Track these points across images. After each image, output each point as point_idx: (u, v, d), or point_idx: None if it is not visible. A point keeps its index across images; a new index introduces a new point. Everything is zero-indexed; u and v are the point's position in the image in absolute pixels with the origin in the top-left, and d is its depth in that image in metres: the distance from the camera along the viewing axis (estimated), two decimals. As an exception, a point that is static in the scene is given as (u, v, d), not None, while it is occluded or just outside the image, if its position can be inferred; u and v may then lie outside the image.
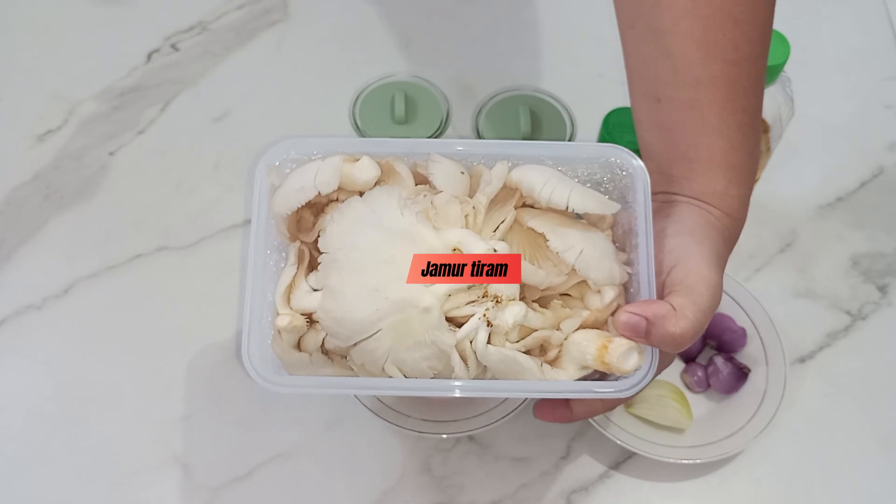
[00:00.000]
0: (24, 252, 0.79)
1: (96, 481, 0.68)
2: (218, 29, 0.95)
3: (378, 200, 0.54)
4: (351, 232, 0.53)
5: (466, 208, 0.54)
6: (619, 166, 0.56)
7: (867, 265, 0.80)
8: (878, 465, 0.70)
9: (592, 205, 0.54)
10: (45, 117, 0.88)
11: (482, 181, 0.55)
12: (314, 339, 0.55)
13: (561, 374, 0.53)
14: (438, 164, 0.56)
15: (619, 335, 0.51)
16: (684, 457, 0.67)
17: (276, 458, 0.70)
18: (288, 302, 0.55)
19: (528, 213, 0.55)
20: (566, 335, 0.53)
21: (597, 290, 0.54)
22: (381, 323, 0.51)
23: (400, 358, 0.52)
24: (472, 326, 0.52)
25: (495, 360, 0.52)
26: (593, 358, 0.52)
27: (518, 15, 0.96)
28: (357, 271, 0.52)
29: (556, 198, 0.53)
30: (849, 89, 0.91)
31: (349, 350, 0.54)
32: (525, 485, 0.69)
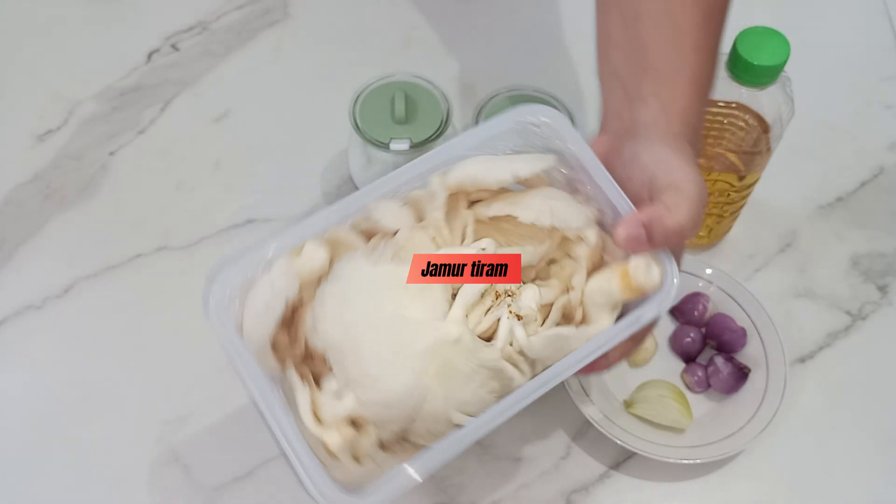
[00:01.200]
0: (24, 252, 0.79)
1: (96, 481, 0.69)
2: (218, 29, 0.95)
3: (345, 271, 0.51)
4: (340, 315, 0.50)
5: (429, 232, 0.54)
6: (531, 123, 0.56)
7: (867, 265, 0.80)
8: (878, 465, 0.70)
9: (534, 163, 0.54)
10: (45, 117, 0.88)
11: (426, 201, 0.54)
12: (368, 442, 0.50)
13: (598, 327, 0.52)
14: (380, 207, 0.54)
15: (628, 257, 0.52)
16: (684, 457, 0.67)
17: (276, 458, 0.69)
18: (321, 422, 0.49)
19: (480, 208, 0.55)
20: (581, 290, 0.53)
21: (579, 238, 0.54)
22: (425, 378, 0.49)
23: (459, 401, 0.49)
24: (506, 328, 0.51)
25: (542, 346, 0.51)
26: (620, 291, 0.52)
27: (518, 15, 0.96)
28: (370, 347, 0.49)
29: (502, 176, 0.53)
30: (849, 89, 0.91)
31: (410, 426, 0.50)
32: (525, 485, 0.69)
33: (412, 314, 0.50)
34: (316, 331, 0.51)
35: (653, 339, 0.74)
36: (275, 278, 0.51)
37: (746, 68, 0.63)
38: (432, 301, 0.51)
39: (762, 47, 0.63)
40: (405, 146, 0.74)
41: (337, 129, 0.83)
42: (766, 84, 0.65)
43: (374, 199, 0.54)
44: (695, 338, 0.73)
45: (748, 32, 0.63)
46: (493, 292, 0.52)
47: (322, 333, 0.50)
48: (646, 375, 0.73)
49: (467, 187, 0.54)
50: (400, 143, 0.74)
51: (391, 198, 0.55)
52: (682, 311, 0.75)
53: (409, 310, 0.50)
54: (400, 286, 0.51)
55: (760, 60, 0.63)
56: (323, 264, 0.52)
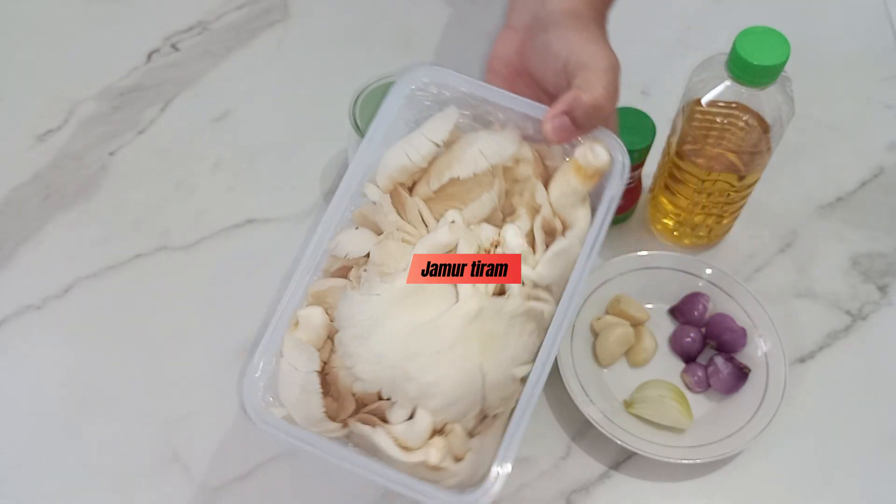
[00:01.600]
0: (25, 252, 0.79)
1: (96, 481, 0.68)
2: (218, 29, 0.95)
3: (350, 312, 0.52)
4: (371, 352, 0.51)
5: (395, 236, 0.54)
6: (416, 90, 0.57)
7: (867, 265, 0.80)
8: (878, 465, 0.70)
9: (441, 123, 0.55)
10: (45, 117, 0.88)
11: (374, 213, 0.55)
12: (458, 440, 0.51)
13: (581, 224, 0.54)
14: (340, 242, 0.55)
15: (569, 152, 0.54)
16: (684, 457, 0.67)
17: (276, 458, 0.69)
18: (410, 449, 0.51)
19: (421, 189, 0.56)
20: (547, 203, 0.55)
21: (517, 161, 0.55)
22: (474, 359, 0.50)
23: (512, 358, 0.51)
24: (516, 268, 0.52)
25: (548, 269, 0.53)
26: (581, 183, 0.53)
27: (518, 15, 0.96)
28: (413, 362, 0.51)
29: (424, 150, 0.54)
30: (849, 89, 0.91)
31: (485, 405, 0.52)
32: (525, 485, 0.69)
33: (430, 314, 0.51)
34: (358, 378, 0.52)
35: (653, 339, 0.74)
36: (293, 359, 0.51)
37: (746, 68, 0.63)
38: (439, 293, 0.52)
39: (763, 47, 0.63)
40: None
41: (337, 129, 0.83)
42: (766, 84, 0.65)
43: (329, 239, 0.55)
44: (695, 338, 0.73)
45: (748, 32, 0.63)
46: (484, 252, 0.53)
47: (366, 376, 0.51)
48: (646, 375, 0.73)
49: (401, 179, 0.55)
50: None
51: (343, 230, 0.55)
52: (682, 311, 0.75)
53: (425, 312, 0.51)
54: (404, 299, 0.52)
55: (760, 60, 0.63)
56: (324, 321, 0.53)
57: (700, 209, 0.75)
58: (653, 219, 0.81)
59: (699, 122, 0.69)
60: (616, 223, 0.81)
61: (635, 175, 0.75)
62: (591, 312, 0.75)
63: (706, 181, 0.72)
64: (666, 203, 0.78)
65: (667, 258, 0.76)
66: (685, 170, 0.72)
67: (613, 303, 0.75)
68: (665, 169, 0.76)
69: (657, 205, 0.79)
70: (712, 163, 0.70)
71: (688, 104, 0.69)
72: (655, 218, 0.80)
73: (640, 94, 0.90)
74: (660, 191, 0.78)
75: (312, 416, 0.51)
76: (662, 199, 0.78)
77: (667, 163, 0.75)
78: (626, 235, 0.81)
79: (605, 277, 0.75)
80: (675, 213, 0.77)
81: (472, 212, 0.55)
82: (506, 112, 0.56)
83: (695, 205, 0.75)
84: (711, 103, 0.67)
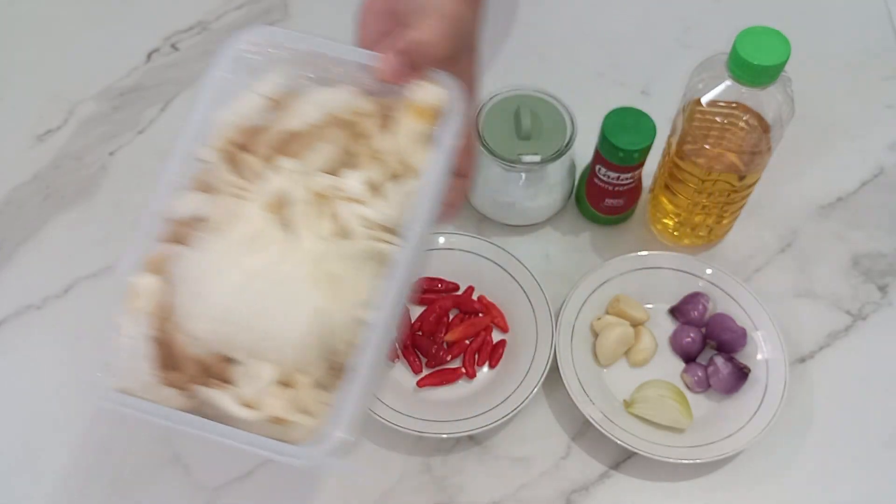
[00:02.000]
0: (25, 252, 0.79)
1: (96, 481, 0.69)
2: (218, 29, 0.95)
3: (185, 272, 0.51)
4: (208, 310, 0.50)
5: (230, 192, 0.52)
6: (245, 52, 0.55)
7: (867, 265, 0.80)
8: (878, 465, 0.70)
9: (272, 79, 0.54)
10: (45, 117, 0.88)
11: (208, 174, 0.54)
12: (306, 391, 0.50)
13: (426, 162, 0.53)
14: (175, 206, 0.53)
15: (406, 91, 0.53)
16: (684, 457, 0.67)
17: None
18: (254, 405, 0.49)
19: (259, 148, 0.54)
20: (392, 151, 0.53)
21: (358, 114, 0.54)
22: (318, 302, 0.49)
23: (357, 300, 0.50)
24: (350, 215, 0.51)
25: (393, 209, 0.52)
26: (419, 123, 0.53)
27: (518, 15, 0.96)
28: (254, 315, 0.49)
29: (251, 103, 0.54)
30: (849, 89, 0.91)
31: (332, 352, 0.50)
32: (525, 485, 0.69)
33: (267, 261, 0.50)
34: (197, 338, 0.50)
35: (653, 338, 0.74)
36: (124, 328, 0.50)
37: (746, 68, 0.63)
38: (276, 240, 0.50)
39: (762, 47, 0.63)
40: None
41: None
42: (766, 84, 0.65)
43: (164, 205, 0.53)
44: (695, 338, 0.73)
45: (748, 32, 0.63)
46: (321, 199, 0.51)
47: (205, 333, 0.50)
48: (646, 375, 0.73)
49: (235, 137, 0.53)
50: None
51: (179, 193, 0.53)
52: (682, 311, 0.75)
53: (263, 260, 0.50)
54: (240, 251, 0.50)
55: (760, 60, 0.63)
56: (158, 288, 0.51)
57: (700, 209, 0.75)
58: (653, 219, 0.81)
59: (699, 122, 0.69)
60: (616, 223, 0.81)
61: (635, 175, 0.76)
62: (591, 312, 0.75)
63: (706, 181, 0.72)
64: (666, 203, 0.78)
65: (667, 258, 0.76)
66: (685, 170, 0.72)
67: (613, 303, 0.75)
68: (665, 169, 0.76)
69: (657, 205, 0.79)
70: (712, 163, 0.70)
71: (688, 104, 0.69)
72: (655, 218, 0.80)
73: (640, 94, 0.90)
74: (660, 191, 0.78)
75: (145, 383, 0.50)
76: (662, 198, 0.78)
77: (667, 163, 0.75)
78: (626, 235, 0.81)
79: (605, 277, 0.75)
80: (676, 212, 0.77)
81: (311, 162, 0.53)
82: (345, 66, 0.54)
83: (695, 205, 0.75)
84: (712, 103, 0.67)
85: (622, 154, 0.72)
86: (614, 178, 0.75)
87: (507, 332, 0.75)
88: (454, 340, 0.74)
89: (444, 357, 0.73)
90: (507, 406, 0.69)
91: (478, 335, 0.74)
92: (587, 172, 0.79)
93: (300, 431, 0.49)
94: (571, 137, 0.75)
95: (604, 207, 0.79)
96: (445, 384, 0.73)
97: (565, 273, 0.78)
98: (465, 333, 0.74)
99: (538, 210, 0.80)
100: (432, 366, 0.73)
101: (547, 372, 0.70)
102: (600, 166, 0.75)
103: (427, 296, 0.76)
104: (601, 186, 0.76)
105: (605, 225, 0.81)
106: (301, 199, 0.51)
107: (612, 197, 0.77)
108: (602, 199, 0.78)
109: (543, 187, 0.78)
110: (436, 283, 0.77)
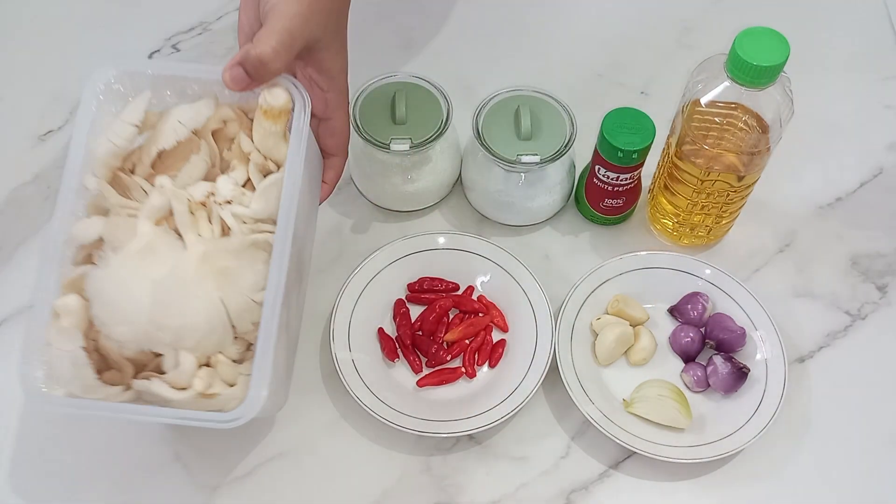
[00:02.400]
0: (25, 252, 0.79)
1: (97, 481, 0.69)
2: (219, 29, 0.95)
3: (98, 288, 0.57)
4: (123, 317, 0.57)
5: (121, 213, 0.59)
6: (105, 86, 0.61)
7: (867, 265, 0.80)
8: (877, 465, 0.71)
9: (137, 107, 0.61)
10: (46, 117, 0.88)
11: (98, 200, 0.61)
12: (225, 368, 0.58)
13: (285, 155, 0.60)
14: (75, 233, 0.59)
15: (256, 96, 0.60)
16: (684, 456, 0.67)
17: (276, 458, 0.70)
18: (183, 387, 0.57)
19: (138, 169, 0.61)
20: (254, 150, 0.61)
21: (218, 122, 0.62)
22: (213, 295, 0.57)
23: (250, 285, 0.58)
24: (228, 216, 0.59)
25: (261, 202, 0.59)
26: (272, 123, 0.60)
27: (518, 15, 0.96)
28: (162, 313, 0.56)
29: (125, 133, 0.60)
30: (849, 89, 0.91)
31: (239, 333, 0.58)
32: (525, 484, 0.69)
33: (165, 268, 0.57)
34: (118, 342, 0.57)
35: (652, 338, 0.74)
36: (59, 343, 0.57)
37: (746, 68, 0.63)
38: (168, 249, 0.58)
39: (762, 47, 0.63)
40: (405, 146, 0.74)
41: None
42: (765, 84, 0.65)
43: (71, 230, 0.59)
44: (694, 337, 0.73)
45: (748, 33, 0.64)
46: (197, 206, 0.59)
47: (123, 337, 0.57)
48: (645, 375, 0.73)
49: (115, 164, 0.61)
50: (400, 143, 0.74)
51: (77, 222, 0.60)
52: (681, 311, 0.75)
53: (160, 267, 0.57)
54: (140, 263, 0.57)
55: (760, 60, 0.63)
56: (81, 304, 0.57)
57: (699, 210, 0.75)
58: (652, 219, 0.81)
59: (698, 123, 0.69)
60: (616, 223, 0.81)
61: (634, 175, 0.76)
62: (590, 312, 0.75)
63: (705, 182, 0.72)
64: (665, 203, 0.78)
65: (666, 258, 0.76)
66: (684, 170, 0.72)
67: (613, 303, 0.75)
68: (664, 169, 0.76)
69: (656, 205, 0.79)
70: (711, 163, 0.70)
71: (687, 104, 0.69)
72: (655, 218, 0.81)
73: (640, 94, 0.90)
74: (659, 191, 0.78)
75: (89, 386, 0.57)
76: (661, 198, 0.78)
77: (666, 163, 0.75)
78: (626, 235, 0.81)
79: (605, 277, 0.76)
80: (675, 213, 0.77)
81: (187, 174, 0.61)
82: (200, 83, 0.62)
83: (694, 205, 0.75)
84: (711, 104, 0.67)
85: (621, 154, 0.72)
86: (613, 179, 0.75)
87: (507, 331, 0.75)
88: (454, 340, 0.74)
89: (444, 357, 0.73)
90: (507, 406, 0.69)
91: (478, 335, 0.75)
92: (587, 172, 0.79)
93: (229, 401, 0.57)
94: (571, 138, 0.75)
95: (603, 208, 0.79)
96: (445, 384, 0.73)
97: (565, 273, 0.78)
98: (465, 333, 0.74)
99: (538, 210, 0.80)
100: (432, 366, 0.74)
101: (547, 371, 0.70)
102: (599, 166, 0.75)
103: (427, 296, 0.76)
104: (600, 187, 0.76)
105: (604, 225, 0.82)
106: (181, 210, 0.58)
107: (611, 197, 0.77)
108: (601, 199, 0.78)
109: (543, 188, 0.78)
110: (436, 283, 0.77)
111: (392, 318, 0.76)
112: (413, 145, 0.75)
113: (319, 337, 0.75)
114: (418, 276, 0.77)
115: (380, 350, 0.74)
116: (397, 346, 0.74)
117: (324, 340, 0.75)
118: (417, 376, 0.73)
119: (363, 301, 0.75)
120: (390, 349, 0.74)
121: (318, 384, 0.73)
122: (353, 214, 0.82)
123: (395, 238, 0.77)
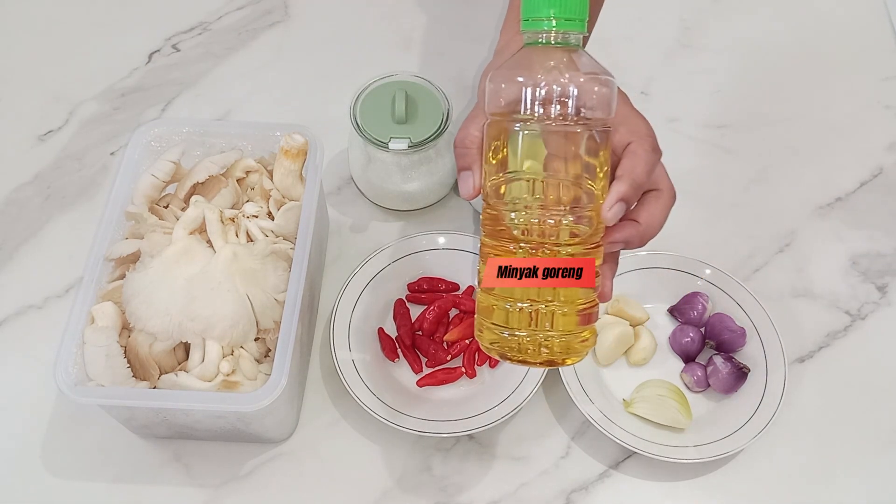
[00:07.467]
0: (25, 252, 0.79)
1: (97, 481, 0.69)
2: (219, 29, 0.95)
3: (137, 289, 0.63)
4: (161, 312, 0.62)
5: (157, 231, 0.67)
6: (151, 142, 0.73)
7: (866, 265, 0.80)
8: (877, 465, 0.71)
9: (175, 150, 0.71)
10: (46, 117, 0.88)
11: (139, 225, 0.68)
12: (246, 363, 0.64)
13: (299, 191, 0.71)
14: (114, 250, 0.66)
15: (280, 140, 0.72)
16: (684, 456, 0.67)
17: (276, 458, 0.70)
18: (209, 379, 0.63)
19: (174, 201, 0.71)
20: (274, 185, 0.71)
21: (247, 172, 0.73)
22: (239, 292, 0.63)
23: (272, 288, 0.65)
24: (254, 227, 0.67)
25: (283, 220, 0.68)
26: (291, 162, 0.70)
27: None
28: (190, 304, 0.62)
29: (165, 168, 0.70)
30: (849, 89, 0.91)
31: (261, 329, 0.65)
32: (525, 484, 0.69)
33: (197, 267, 0.64)
34: (153, 336, 0.63)
35: (652, 338, 0.74)
36: (94, 340, 0.62)
37: None
38: (201, 252, 0.65)
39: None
40: (404, 146, 0.74)
41: (337, 129, 0.83)
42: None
43: (111, 247, 0.67)
44: (694, 337, 0.73)
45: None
46: (227, 221, 0.67)
47: (158, 329, 0.62)
48: (645, 375, 0.73)
49: (153, 195, 0.70)
50: (399, 142, 0.74)
51: (120, 241, 0.68)
52: (681, 311, 0.75)
53: (193, 267, 0.64)
54: (174, 263, 0.64)
55: None
56: (116, 310, 0.64)
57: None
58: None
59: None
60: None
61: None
62: (590, 312, 0.75)
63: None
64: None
65: (666, 258, 0.76)
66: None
67: (613, 303, 0.75)
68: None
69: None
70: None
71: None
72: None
73: (639, 95, 0.90)
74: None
75: (120, 376, 0.62)
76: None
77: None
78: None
79: (605, 277, 0.75)
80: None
81: (216, 203, 0.70)
82: (226, 137, 0.74)
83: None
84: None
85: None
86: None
87: (507, 331, 0.75)
88: (454, 340, 0.74)
89: (444, 357, 0.73)
90: (507, 406, 0.69)
91: (478, 335, 0.75)
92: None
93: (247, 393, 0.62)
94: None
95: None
96: (445, 384, 0.73)
97: (565, 273, 0.78)
98: (465, 333, 0.74)
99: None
100: (432, 366, 0.74)
101: (547, 372, 0.70)
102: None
103: (427, 296, 0.76)
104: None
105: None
106: (213, 219, 0.66)
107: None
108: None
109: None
110: (436, 283, 0.77)
111: (392, 318, 0.76)
112: (412, 145, 0.75)
113: (319, 337, 0.75)
114: (418, 276, 0.77)
115: (380, 350, 0.74)
116: (397, 346, 0.74)
117: (324, 340, 0.75)
118: (417, 376, 0.73)
119: (363, 301, 0.75)
120: (390, 349, 0.74)
121: (319, 384, 0.73)
122: (353, 214, 0.83)
123: (395, 238, 0.77)
